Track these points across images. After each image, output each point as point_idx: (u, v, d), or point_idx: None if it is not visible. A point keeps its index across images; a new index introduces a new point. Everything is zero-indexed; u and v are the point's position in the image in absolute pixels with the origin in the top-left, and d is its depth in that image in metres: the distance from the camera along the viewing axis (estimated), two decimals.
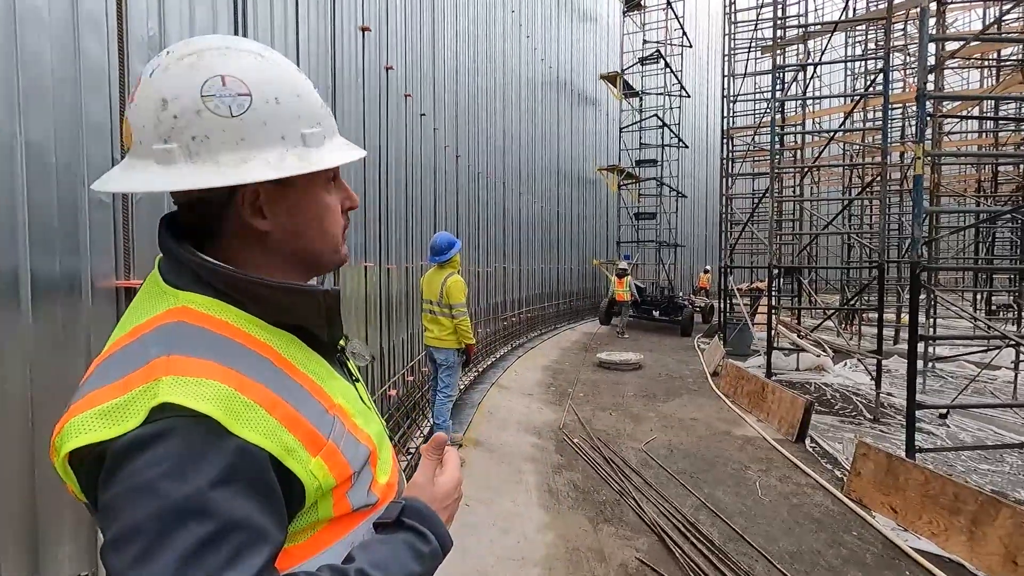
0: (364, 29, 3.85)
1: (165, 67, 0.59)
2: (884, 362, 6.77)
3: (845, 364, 8.54)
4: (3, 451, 1.19)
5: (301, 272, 0.71)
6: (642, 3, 16.58)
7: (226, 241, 0.65)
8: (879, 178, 7.16)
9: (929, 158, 6.00)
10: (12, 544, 1.24)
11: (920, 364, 5.38)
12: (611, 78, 15.76)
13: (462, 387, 6.67)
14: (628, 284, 12.50)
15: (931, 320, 8.19)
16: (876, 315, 6.96)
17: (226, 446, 0.50)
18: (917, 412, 4.37)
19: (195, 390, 0.51)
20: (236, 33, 2.21)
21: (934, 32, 5.45)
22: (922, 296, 5.26)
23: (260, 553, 0.49)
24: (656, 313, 13.23)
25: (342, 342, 0.79)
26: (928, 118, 4.64)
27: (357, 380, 0.77)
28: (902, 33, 12.64)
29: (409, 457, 4.42)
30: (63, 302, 1.38)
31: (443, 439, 0.72)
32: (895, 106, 12.09)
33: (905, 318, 9.01)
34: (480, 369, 7.85)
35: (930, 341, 7.68)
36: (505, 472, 4.37)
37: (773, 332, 7.96)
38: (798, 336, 8.72)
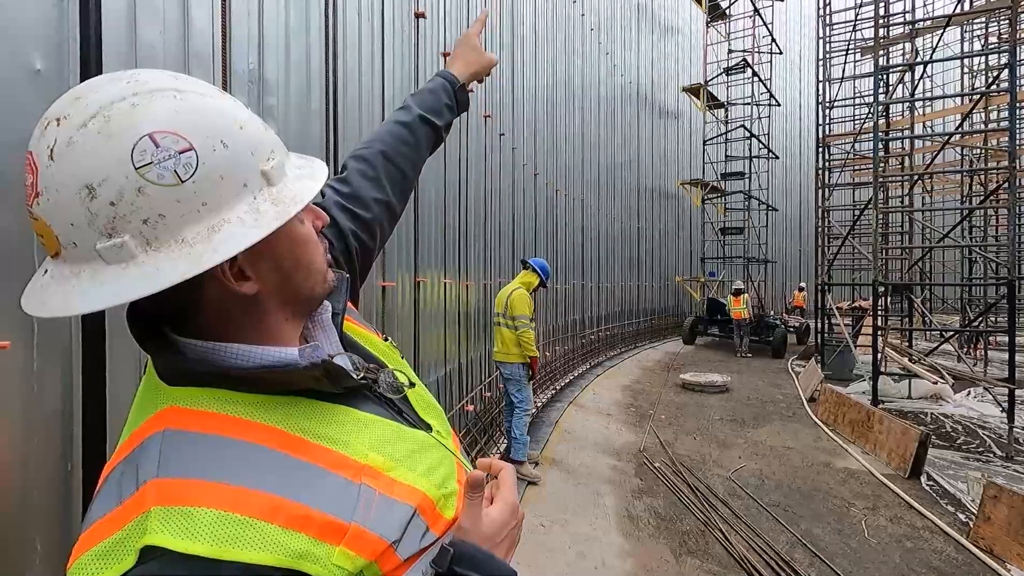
0: (445, 55, 4.00)
1: (67, 142, 0.46)
2: (1018, 392, 5.95)
3: (968, 393, 7.60)
4: None
5: (297, 318, 0.64)
6: (727, 12, 16.08)
7: (206, 317, 0.57)
8: (1006, 184, 6.39)
9: None
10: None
11: None
12: (694, 90, 15.34)
13: (539, 404, 6.63)
14: (745, 302, 11.94)
15: None
16: (1006, 338, 6.15)
17: None
18: None
19: (183, 525, 0.46)
20: (328, 64, 2.37)
21: None
22: None
23: None
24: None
25: (400, 375, 0.72)
26: None
27: (403, 411, 0.68)
28: None
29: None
30: None
31: (480, 478, 0.62)
32: None
33: None
34: (558, 387, 7.77)
35: None
36: (582, 494, 4.26)
37: (880, 355, 7.25)
38: (909, 360, 7.89)
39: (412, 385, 0.73)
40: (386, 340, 0.82)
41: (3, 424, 1.13)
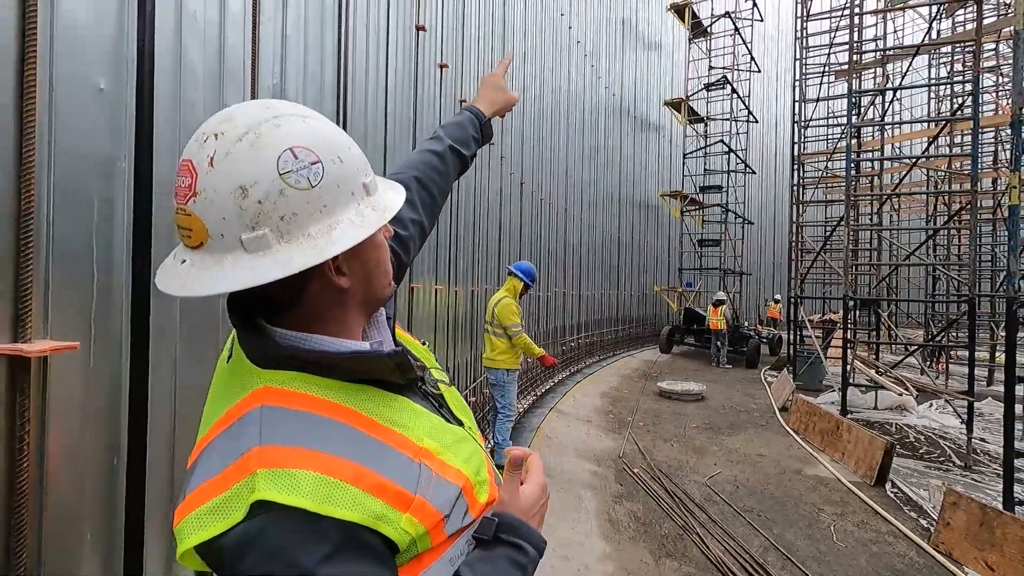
0: (442, 66, 4.09)
1: (226, 152, 0.57)
2: (976, 404, 6.26)
3: (931, 405, 7.93)
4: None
5: (366, 315, 0.75)
6: (708, 30, 16.50)
7: (306, 309, 0.66)
8: (968, 206, 6.73)
9: None
10: (155, 540, 1.41)
11: (1019, 408, 4.94)
12: (675, 104, 15.68)
13: (521, 410, 6.71)
14: (723, 313, 12.16)
15: None
16: (966, 353, 6.46)
17: (322, 530, 0.54)
18: (1016, 461, 4.02)
19: (287, 483, 0.54)
20: (339, 74, 2.46)
21: None
22: (1021, 334, 4.87)
23: None
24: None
25: (435, 373, 0.82)
26: None
27: (442, 407, 0.77)
28: (993, 52, 11.92)
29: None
30: None
31: (520, 455, 0.72)
32: (986, 130, 11.36)
33: (1001, 357, 8.29)
34: (538, 393, 7.87)
35: None
36: (564, 498, 4.35)
37: (849, 367, 7.54)
38: (876, 372, 8.20)
39: (451, 384, 0.83)
40: (424, 344, 0.91)
41: (68, 418, 1.18)
